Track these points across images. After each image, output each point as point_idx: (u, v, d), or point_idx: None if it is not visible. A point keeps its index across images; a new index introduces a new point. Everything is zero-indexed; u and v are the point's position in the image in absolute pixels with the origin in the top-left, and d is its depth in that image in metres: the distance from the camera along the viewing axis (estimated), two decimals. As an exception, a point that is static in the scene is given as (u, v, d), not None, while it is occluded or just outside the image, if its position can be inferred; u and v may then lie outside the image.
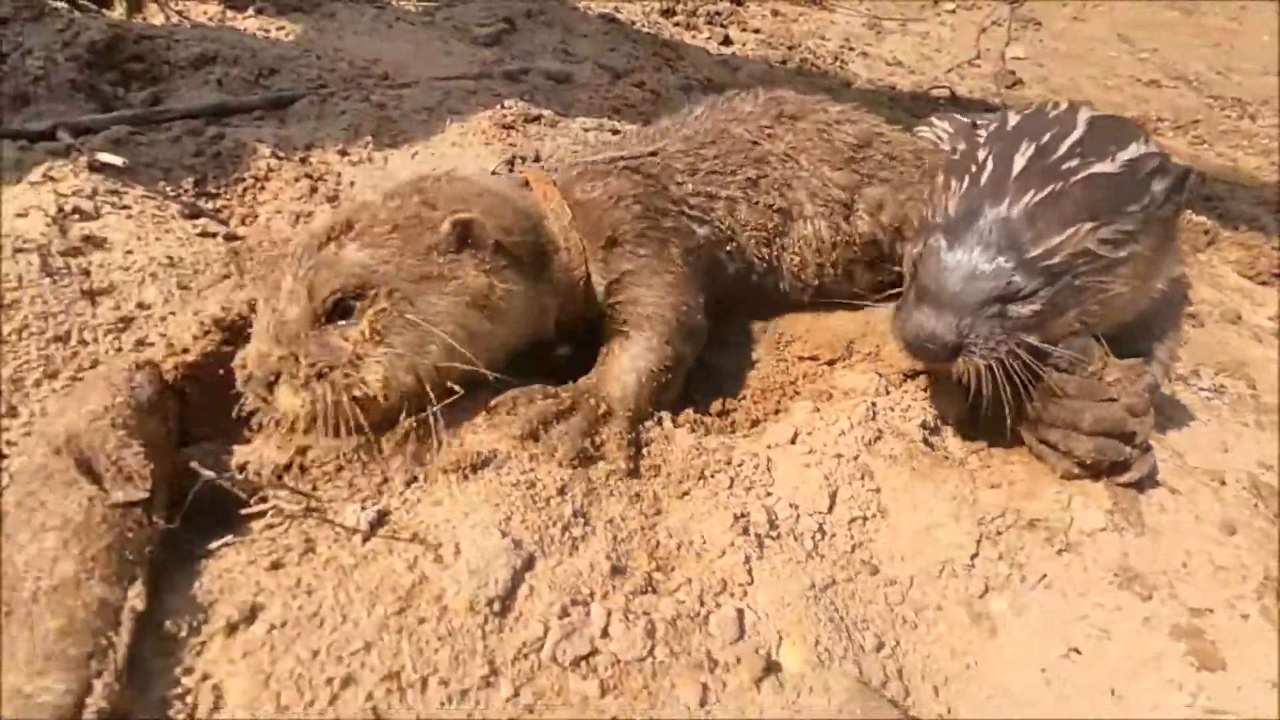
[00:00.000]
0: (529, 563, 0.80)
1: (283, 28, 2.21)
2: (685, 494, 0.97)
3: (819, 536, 0.95)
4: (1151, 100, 4.52)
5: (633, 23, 3.32)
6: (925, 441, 1.12)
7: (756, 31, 4.16)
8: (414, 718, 0.65)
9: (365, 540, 0.78)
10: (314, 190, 1.37)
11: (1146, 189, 1.07)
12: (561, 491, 0.90)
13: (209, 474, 0.73)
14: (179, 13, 2.07)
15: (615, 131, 2.05)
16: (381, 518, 0.81)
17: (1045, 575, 0.97)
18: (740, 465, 1.02)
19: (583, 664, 0.73)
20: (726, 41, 3.87)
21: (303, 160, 1.45)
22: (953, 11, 5.62)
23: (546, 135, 1.83)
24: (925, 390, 1.23)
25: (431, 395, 0.93)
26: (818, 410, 1.12)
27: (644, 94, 2.41)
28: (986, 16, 5.46)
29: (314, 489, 0.84)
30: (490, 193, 1.09)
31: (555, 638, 0.74)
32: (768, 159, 1.37)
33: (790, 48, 4.09)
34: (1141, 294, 1.15)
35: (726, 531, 0.90)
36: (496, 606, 0.75)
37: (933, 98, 3.81)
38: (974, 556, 0.97)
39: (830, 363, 1.31)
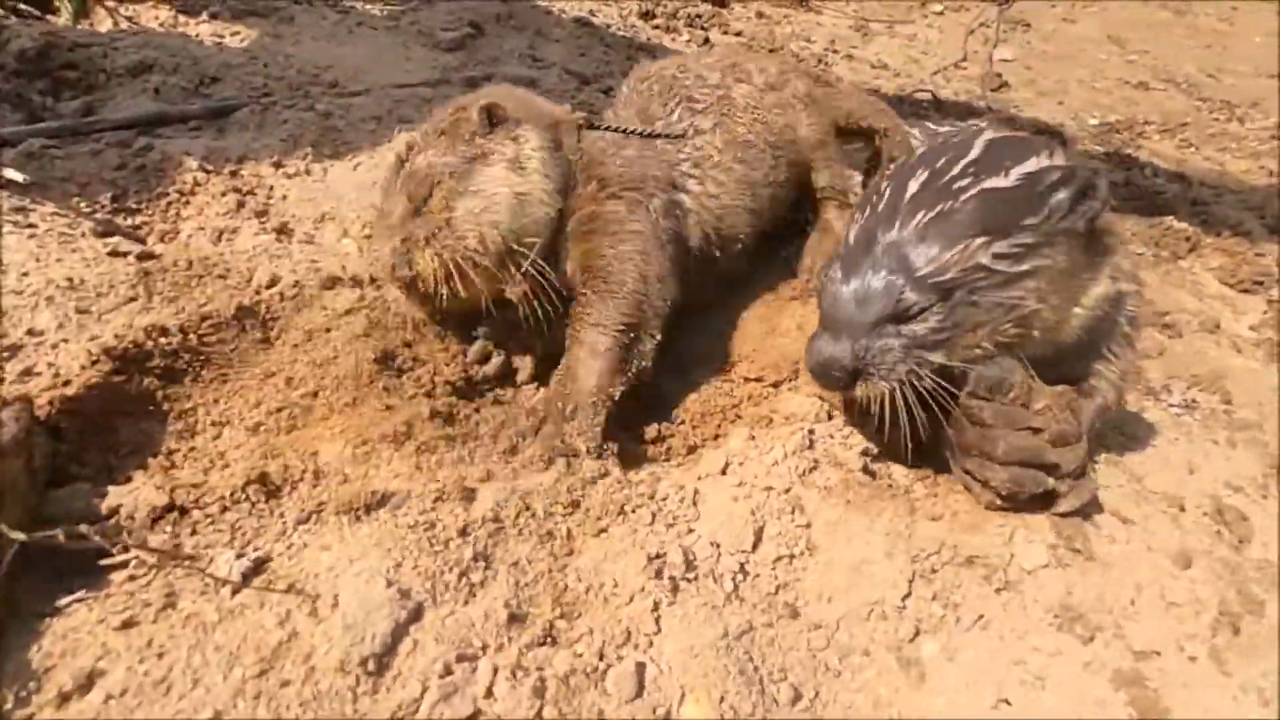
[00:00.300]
0: (416, 613, 0.75)
1: (237, 33, 2.16)
2: (602, 531, 0.92)
3: (740, 577, 0.89)
4: (1140, 103, 4.46)
5: (608, 26, 3.26)
6: (865, 470, 1.06)
7: (738, 34, 4.10)
8: None
9: (236, 592, 0.73)
10: (241, 205, 1.32)
11: (1046, 201, 1.03)
12: (463, 532, 0.84)
13: (19, 536, 0.67)
14: (128, 19, 2.02)
15: (574, 140, 2.00)
16: (259, 566, 0.76)
17: (981, 616, 0.92)
18: (665, 499, 0.97)
19: None
20: (707, 44, 3.81)
21: (233, 173, 1.39)
22: (941, 13, 5.54)
23: (499, 144, 1.77)
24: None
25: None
26: (753, 438, 1.07)
27: (609, 101, 2.35)
28: (975, 18, 5.38)
29: (193, 532, 0.79)
30: (514, 94, 1.43)
31: (433, 699, 0.69)
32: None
33: (772, 49, 4.03)
34: (1066, 312, 1.09)
35: (639, 574, 0.85)
36: (372, 665, 0.70)
37: (915, 100, 3.75)
38: (906, 596, 0.91)
39: (776, 384, 1.26)
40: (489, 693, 0.70)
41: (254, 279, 1.15)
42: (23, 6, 1.84)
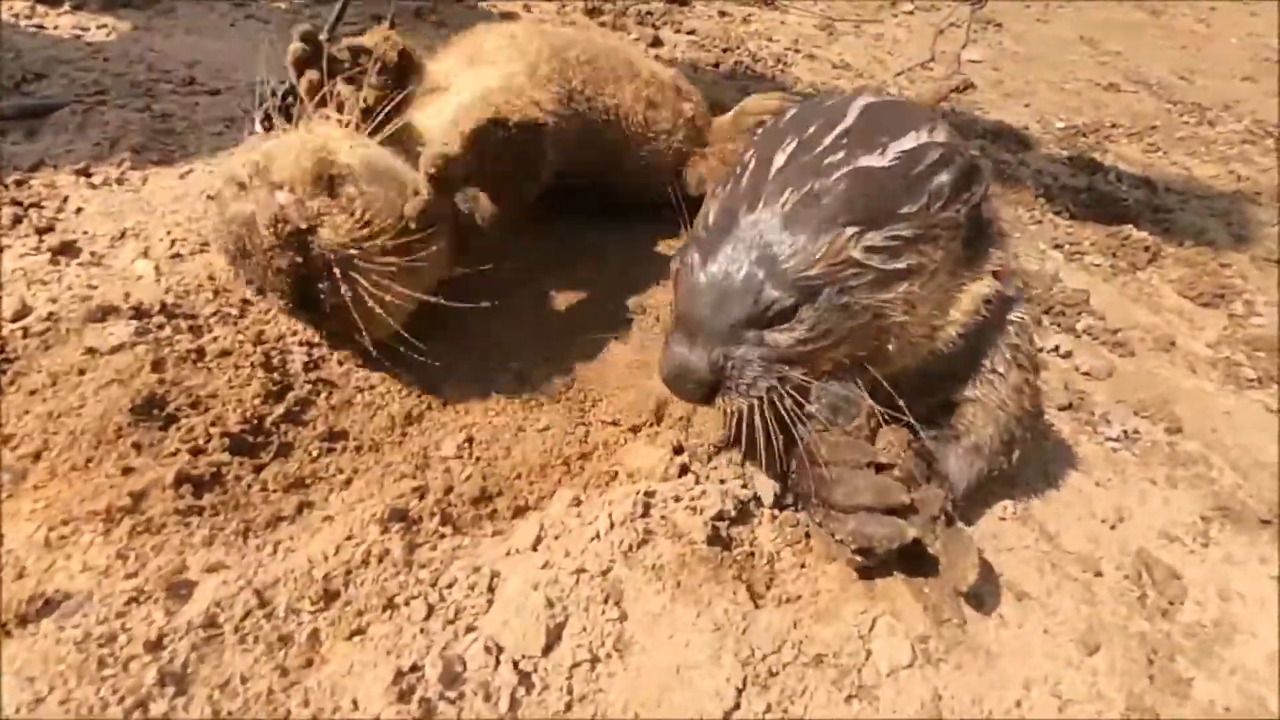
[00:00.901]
0: None
1: (103, 26, 1.98)
2: (358, 632, 0.74)
3: (521, 692, 0.72)
4: (1109, 105, 4.35)
5: (542, 22, 3.09)
6: (713, 540, 0.89)
7: (691, 33, 3.93)
8: None
9: None
10: (19, 220, 1.14)
11: (926, 185, 0.87)
12: (156, 646, 0.66)
13: None
14: (-25, 9, 1.83)
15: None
16: None
17: None
18: (451, 586, 0.79)
19: None
20: (656, 43, 3.65)
21: (19, 183, 1.21)
22: (911, 13, 5.41)
23: (368, 149, 1.59)
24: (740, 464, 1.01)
25: None
26: (579, 502, 0.89)
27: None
28: (945, 18, 5.25)
29: None
30: None
31: None
32: None
33: (725, 49, 3.87)
34: (941, 320, 0.94)
35: (383, 695, 0.67)
36: None
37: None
38: (732, 710, 0.74)
39: (634, 429, 1.09)
40: None
41: (1, 309, 0.97)
42: None
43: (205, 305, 1.15)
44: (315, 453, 1.02)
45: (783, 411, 0.86)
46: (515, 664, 0.73)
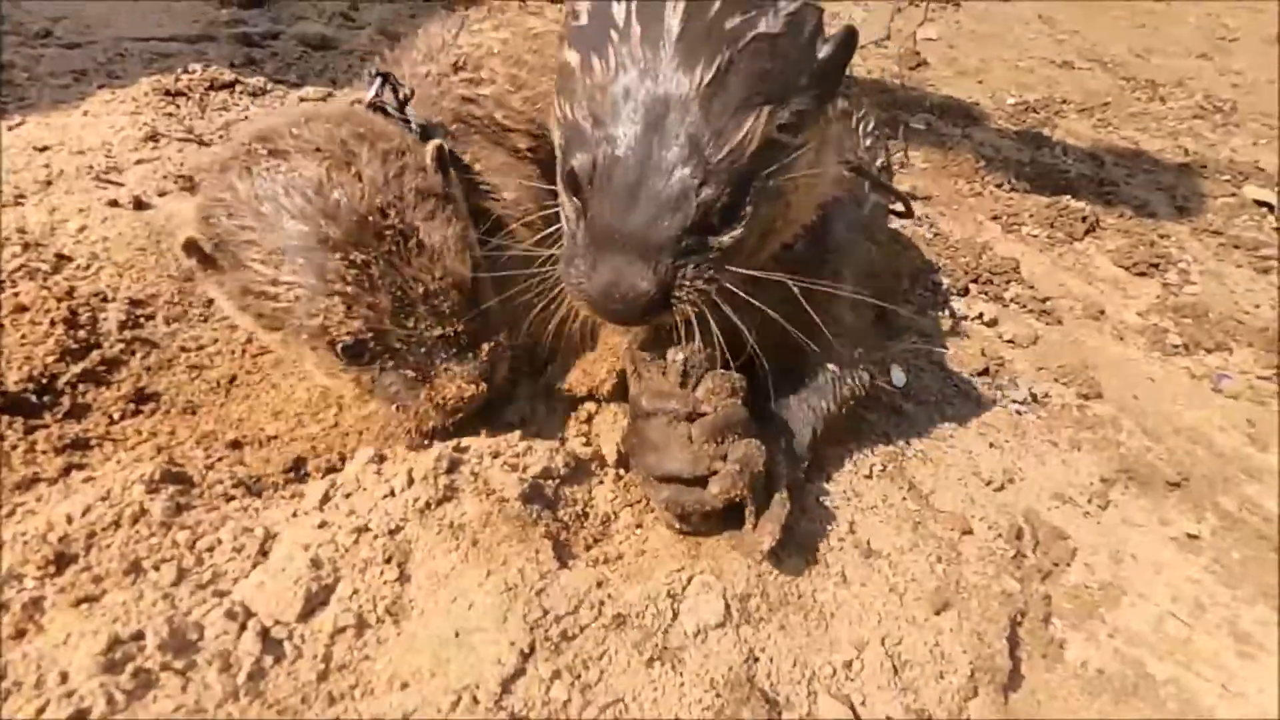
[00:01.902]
0: None
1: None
2: (88, 599, 0.66)
3: (269, 661, 0.64)
4: (1063, 82, 4.33)
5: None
6: (528, 498, 0.82)
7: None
8: None
9: None
10: None
11: (813, 53, 0.81)
12: None
13: None
14: None
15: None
16: None
17: (619, 700, 0.68)
18: (213, 549, 0.71)
19: None
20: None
21: None
22: None
23: (235, 106, 1.50)
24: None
25: None
26: (380, 460, 0.81)
27: (424, 64, 2.09)
28: None
29: None
30: None
31: None
32: None
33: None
34: (812, 200, 0.87)
35: (92, 664, 0.60)
36: None
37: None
38: (515, 677, 0.67)
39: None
40: None
41: None
42: None
43: (11, 260, 1.06)
44: (116, 415, 0.94)
45: (725, 309, 0.77)
46: (265, 631, 0.65)
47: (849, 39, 0.83)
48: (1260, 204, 3.09)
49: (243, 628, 0.65)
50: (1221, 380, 1.93)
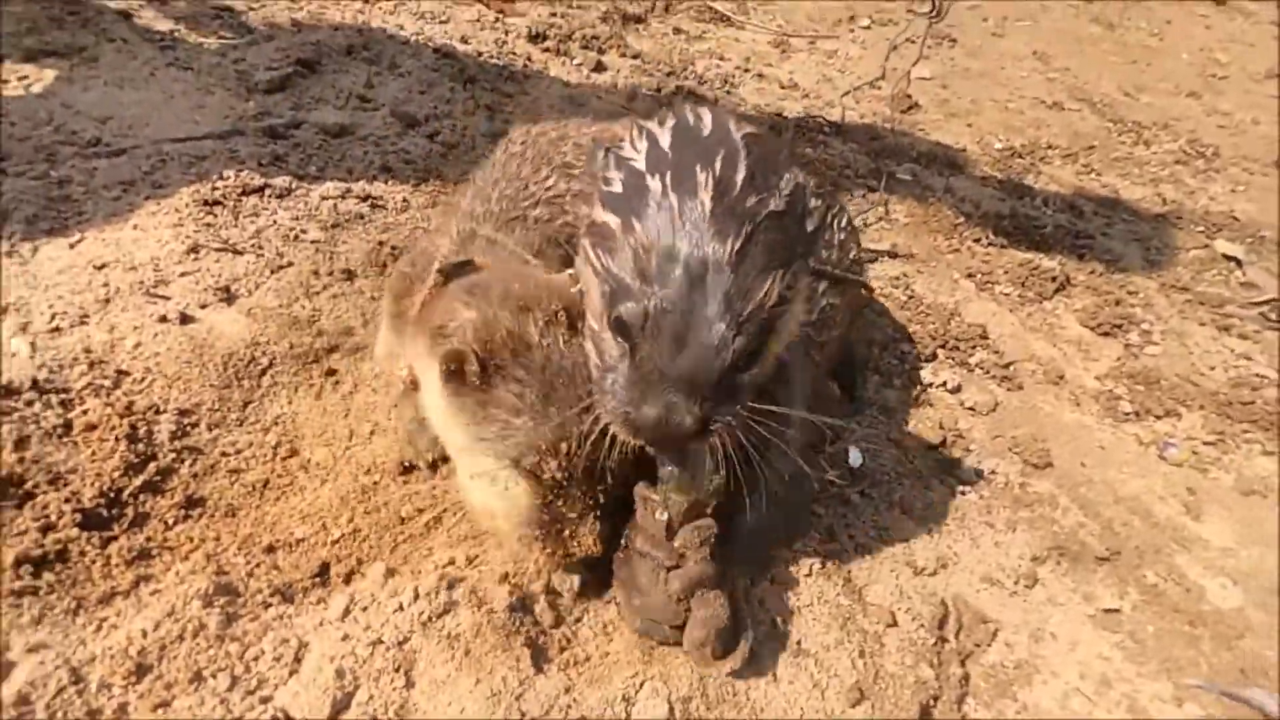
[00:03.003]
0: None
1: (25, 77, 2.06)
2: (163, 705, 0.84)
3: None
4: (1051, 124, 4.43)
5: (478, 54, 3.17)
6: (514, 607, 1.00)
7: (636, 56, 3.98)
8: None
9: None
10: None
11: (804, 224, 0.99)
12: None
13: None
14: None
15: (369, 198, 1.92)
16: None
17: None
18: (258, 659, 0.90)
19: None
20: (599, 68, 3.70)
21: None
22: (868, 27, 5.44)
23: (265, 211, 1.69)
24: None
25: None
26: (392, 574, 1.00)
27: (433, 146, 2.28)
28: (901, 33, 5.28)
29: None
30: None
31: None
32: None
33: (670, 73, 3.92)
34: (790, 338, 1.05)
35: None
36: None
37: (815, 124, 3.70)
38: None
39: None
40: None
41: None
42: None
43: (79, 379, 1.24)
44: (171, 521, 1.12)
45: (746, 437, 0.93)
46: (299, 733, 0.83)
47: (823, 221, 1.01)
48: (1229, 258, 3.22)
49: None
50: (1167, 448, 2.08)
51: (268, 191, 1.71)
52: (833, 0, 5.51)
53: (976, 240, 3.02)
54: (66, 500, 1.05)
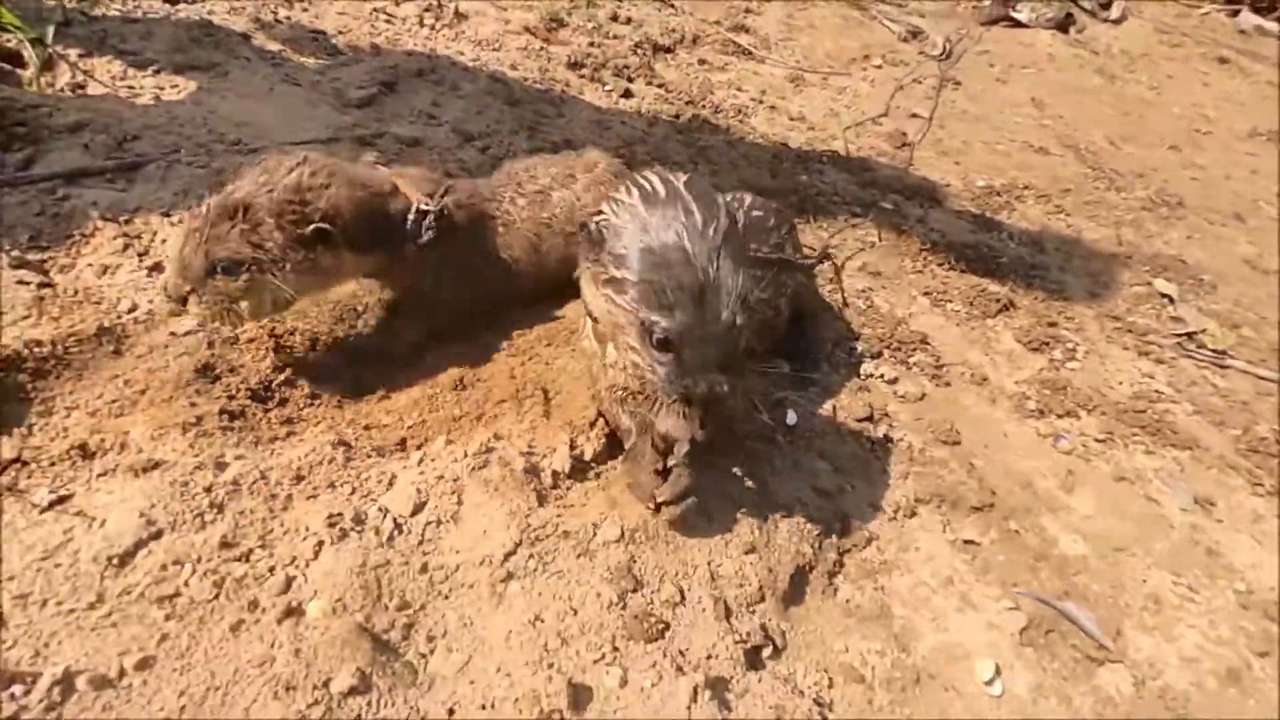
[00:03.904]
0: (155, 535, 1.25)
1: (176, 86, 2.69)
2: (312, 496, 1.41)
3: (395, 532, 1.38)
4: (1034, 167, 4.84)
5: (524, 80, 3.76)
6: (526, 470, 1.55)
7: (661, 86, 4.51)
8: (29, 627, 1.09)
9: (43, 512, 1.22)
10: (127, 247, 1.83)
11: (768, 240, 1.49)
12: (208, 489, 1.34)
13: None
14: (85, 72, 2.54)
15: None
16: (62, 499, 1.26)
17: (560, 570, 1.40)
18: (366, 478, 1.46)
19: (165, 600, 1.17)
20: (627, 95, 4.24)
21: (126, 221, 1.90)
22: (879, 66, 5.88)
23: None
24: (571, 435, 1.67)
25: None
26: (451, 441, 1.56)
27: (484, 158, 2.86)
28: (909, 73, 5.74)
29: (29, 476, 1.28)
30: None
31: (148, 583, 1.18)
32: None
33: (689, 102, 4.44)
34: None
35: (320, 524, 1.34)
36: (116, 562, 1.19)
37: (818, 155, 4.18)
38: (510, 554, 1.40)
39: (503, 403, 1.75)
40: (186, 584, 1.19)
41: (119, 305, 1.65)
42: (-3, 64, 2.36)
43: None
44: (301, 404, 1.69)
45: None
46: (394, 518, 1.39)
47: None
48: (1164, 295, 3.68)
49: (384, 515, 1.39)
50: (1059, 440, 2.58)
51: (361, 187, 2.29)
52: (850, 40, 6.02)
53: (940, 265, 3.50)
54: (241, 383, 1.63)
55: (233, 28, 3.08)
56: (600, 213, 1.46)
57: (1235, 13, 8.07)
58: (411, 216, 1.75)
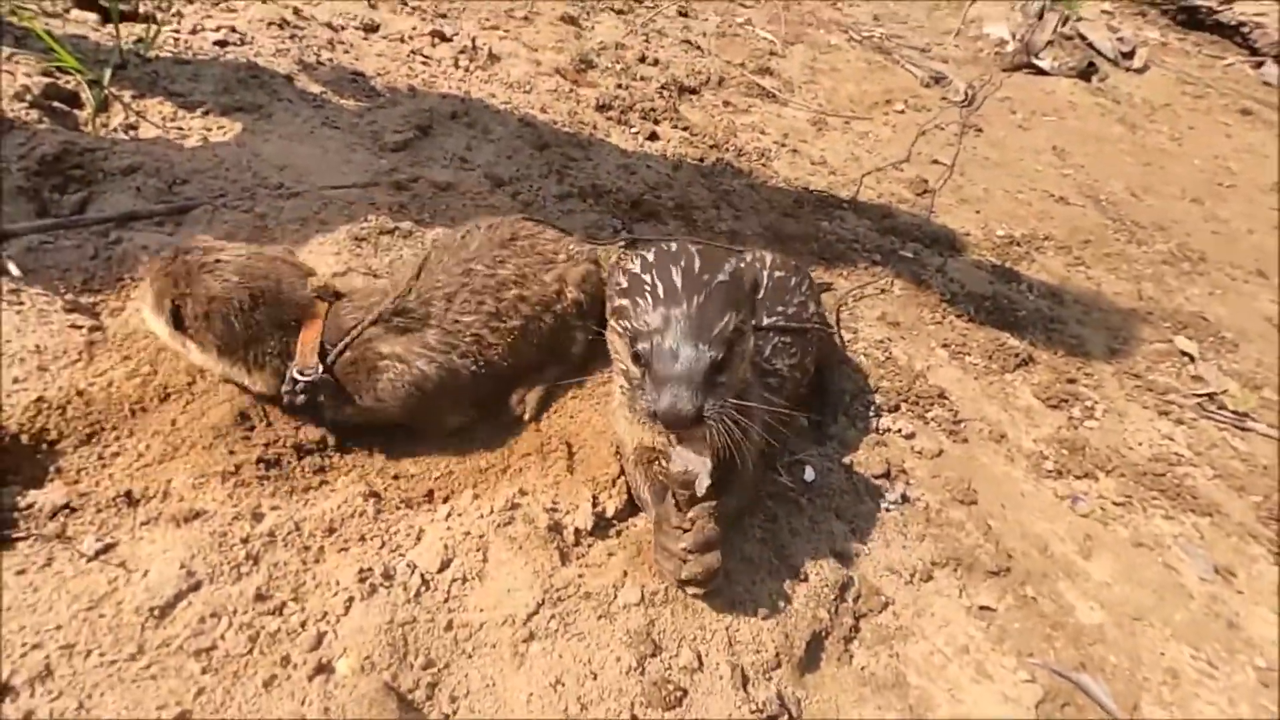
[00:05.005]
0: (194, 586, 1.29)
1: (223, 127, 2.79)
2: (343, 550, 1.45)
3: (422, 589, 1.42)
4: (1054, 217, 4.83)
5: (553, 123, 3.86)
6: (550, 527, 1.59)
7: (686, 129, 4.59)
8: (73, 678, 1.13)
9: (89, 561, 1.27)
10: (174, 290, 1.90)
11: (743, 290, 1.52)
12: (245, 541, 1.38)
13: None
14: (138, 113, 2.66)
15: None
16: (108, 548, 1.31)
17: (581, 632, 1.43)
18: (396, 533, 1.50)
19: (202, 654, 1.21)
20: (653, 137, 4.31)
21: (174, 265, 1.98)
22: (901, 112, 5.92)
23: (395, 246, 2.35)
24: (595, 489, 1.70)
25: None
26: (477, 496, 1.60)
27: (514, 203, 2.94)
28: (932, 119, 5.78)
29: (76, 523, 1.34)
30: None
31: (186, 635, 1.22)
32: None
33: (713, 145, 4.51)
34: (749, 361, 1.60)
35: (351, 578, 1.38)
36: (157, 613, 1.23)
37: (836, 201, 4.21)
38: (533, 614, 1.43)
39: (528, 457, 1.79)
40: (222, 637, 1.23)
41: (164, 349, 1.72)
42: (55, 104, 2.48)
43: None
44: (334, 455, 1.74)
45: (731, 427, 1.41)
46: (422, 575, 1.43)
47: (754, 284, 1.59)
48: (1184, 353, 3.67)
49: (412, 571, 1.43)
50: (1077, 502, 2.58)
51: (396, 232, 2.37)
52: (873, 84, 6.10)
53: (958, 316, 3.51)
54: (275, 435, 1.68)
55: (277, 69, 3.20)
56: (625, 260, 1.54)
57: (1259, 64, 8.08)
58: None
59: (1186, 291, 4.28)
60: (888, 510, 2.19)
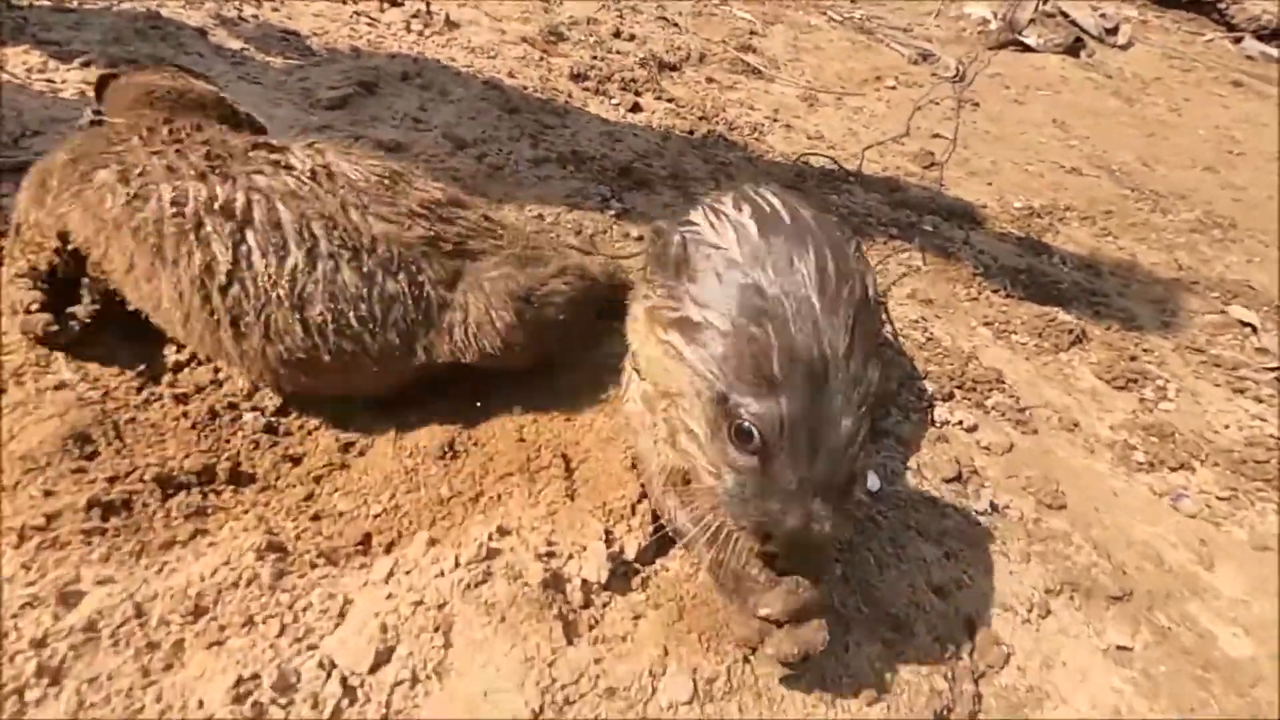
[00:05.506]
0: None
1: (109, 82, 2.20)
2: (217, 644, 0.89)
3: (344, 703, 0.86)
4: (1070, 188, 4.51)
5: (524, 88, 3.33)
6: (547, 584, 1.04)
7: (671, 100, 4.14)
8: None
9: None
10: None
11: (871, 311, 0.97)
12: (39, 644, 0.82)
13: None
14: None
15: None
16: None
17: None
18: (307, 609, 0.94)
19: None
20: (635, 109, 3.84)
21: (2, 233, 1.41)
22: (893, 88, 5.60)
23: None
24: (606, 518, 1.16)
25: None
26: (434, 543, 1.04)
27: (481, 167, 2.40)
28: (925, 94, 5.46)
29: None
30: None
31: None
32: None
33: (702, 117, 4.06)
34: None
35: (224, 697, 0.82)
36: None
37: (842, 174, 3.81)
38: None
39: (511, 478, 1.24)
40: None
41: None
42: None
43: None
44: (223, 490, 1.18)
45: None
46: (344, 679, 0.87)
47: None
48: (1244, 324, 3.26)
49: (328, 675, 0.87)
50: (1180, 499, 2.10)
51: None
52: (859, 63, 5.72)
53: (995, 291, 3.08)
54: (132, 459, 1.11)
55: (186, 21, 2.63)
56: (690, 222, 0.99)
57: (1238, 40, 7.97)
58: None
59: (1224, 260, 3.92)
60: (976, 524, 1.68)
